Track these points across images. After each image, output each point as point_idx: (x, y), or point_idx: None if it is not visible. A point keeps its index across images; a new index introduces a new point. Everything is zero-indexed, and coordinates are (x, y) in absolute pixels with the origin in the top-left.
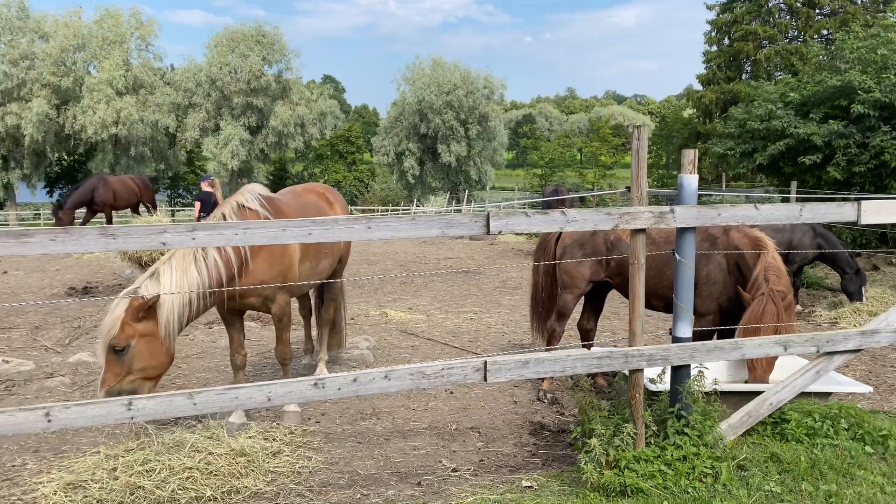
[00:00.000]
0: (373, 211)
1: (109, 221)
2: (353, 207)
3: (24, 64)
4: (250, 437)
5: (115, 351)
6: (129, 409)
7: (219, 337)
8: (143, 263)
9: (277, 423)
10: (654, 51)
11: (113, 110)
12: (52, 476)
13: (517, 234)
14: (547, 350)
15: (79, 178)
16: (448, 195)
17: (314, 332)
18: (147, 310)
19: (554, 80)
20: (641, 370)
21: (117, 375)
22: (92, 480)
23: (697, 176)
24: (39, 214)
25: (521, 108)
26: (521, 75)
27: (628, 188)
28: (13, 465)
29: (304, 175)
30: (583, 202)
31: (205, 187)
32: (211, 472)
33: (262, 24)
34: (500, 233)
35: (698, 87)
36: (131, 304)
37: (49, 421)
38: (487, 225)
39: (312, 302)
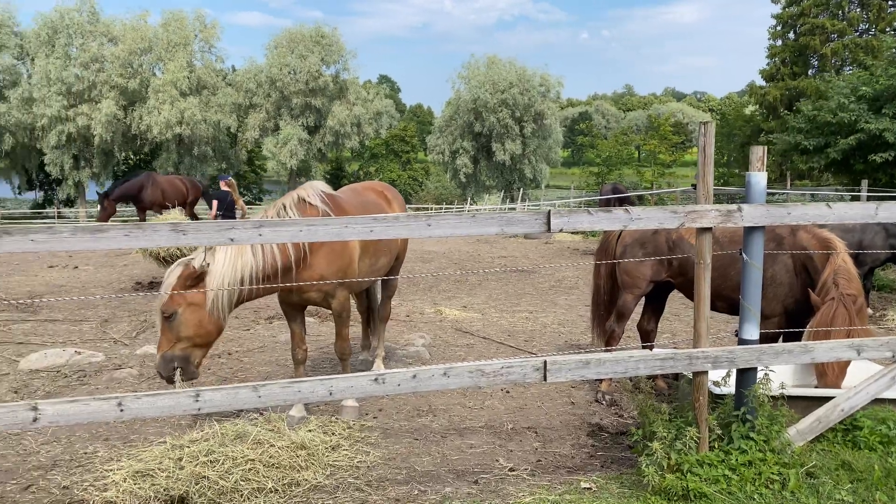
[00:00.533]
0: (427, 209)
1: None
2: (407, 206)
3: (94, 67)
4: (310, 431)
5: (165, 317)
6: (197, 401)
7: (279, 332)
8: (161, 259)
9: (336, 418)
10: (715, 46)
11: (177, 111)
12: (122, 464)
13: (574, 233)
14: (606, 351)
15: None
16: (502, 194)
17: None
18: (196, 280)
19: (611, 77)
20: (706, 372)
21: (169, 341)
22: (159, 469)
23: (766, 173)
24: None
25: (577, 106)
26: (577, 73)
27: (694, 185)
28: (85, 453)
29: (359, 174)
30: (641, 201)
31: (223, 186)
32: (272, 464)
33: (320, 25)
34: (560, 230)
35: (761, 82)
36: (182, 273)
37: (121, 410)
38: (548, 222)
39: (369, 298)
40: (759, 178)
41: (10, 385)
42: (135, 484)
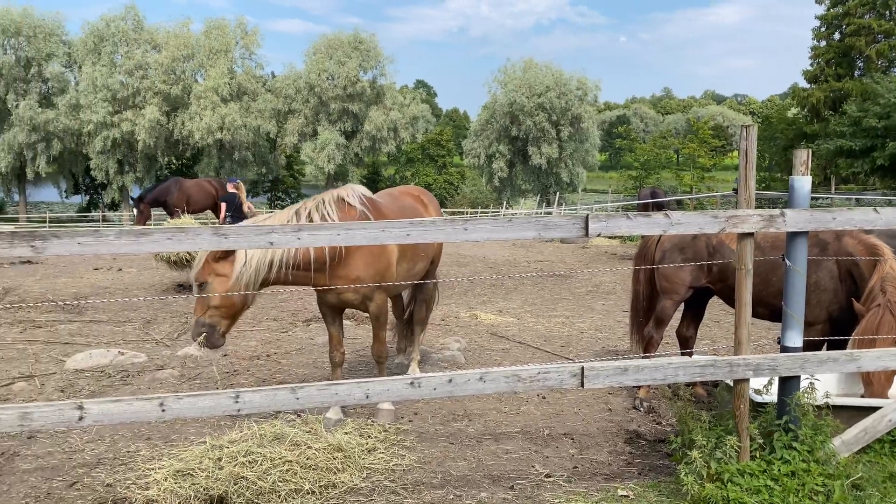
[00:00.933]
0: (462, 213)
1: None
2: (442, 210)
3: (138, 74)
4: (347, 433)
5: (198, 285)
6: (237, 402)
7: (316, 334)
8: (171, 262)
9: (372, 421)
10: (756, 48)
11: (218, 116)
12: (163, 463)
13: (611, 238)
14: (644, 357)
15: None
16: (538, 198)
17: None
18: (224, 254)
19: (649, 81)
20: (747, 380)
21: (202, 308)
22: (199, 469)
23: (810, 178)
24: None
25: (615, 109)
26: (615, 76)
27: (735, 190)
28: (128, 451)
29: (395, 178)
30: (679, 205)
31: (230, 188)
32: (309, 465)
33: (358, 31)
34: (598, 235)
35: (804, 84)
36: None
37: (163, 410)
38: (586, 227)
39: (405, 302)
40: (802, 182)
41: (56, 384)
42: (175, 483)
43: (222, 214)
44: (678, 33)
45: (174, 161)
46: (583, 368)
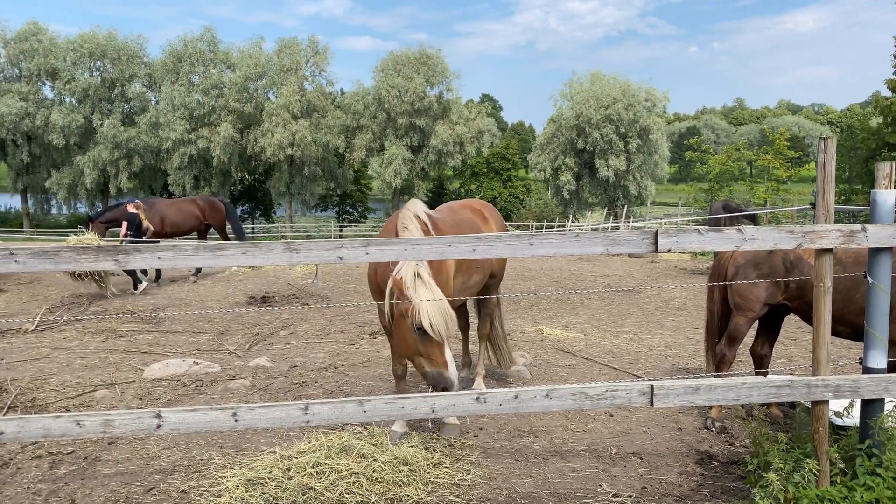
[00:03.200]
0: (527, 227)
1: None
2: (507, 223)
3: (213, 92)
4: (412, 447)
5: None
6: (306, 414)
7: (382, 347)
8: (75, 275)
9: (437, 435)
10: (834, 56)
11: (289, 133)
12: (235, 472)
13: (681, 252)
14: (716, 376)
15: (259, 197)
16: (605, 211)
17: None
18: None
19: (721, 91)
20: (826, 402)
21: None
22: (269, 478)
23: (894, 191)
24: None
25: (684, 121)
26: (685, 87)
27: (812, 204)
28: (201, 459)
29: (461, 192)
30: (753, 219)
31: (130, 209)
32: (375, 478)
33: (425, 47)
34: (668, 250)
35: (887, 93)
36: None
37: (236, 420)
38: (656, 242)
39: (469, 316)
40: (885, 196)
41: (135, 392)
42: (246, 492)
43: (123, 232)
44: (751, 42)
45: (247, 176)
46: (652, 387)
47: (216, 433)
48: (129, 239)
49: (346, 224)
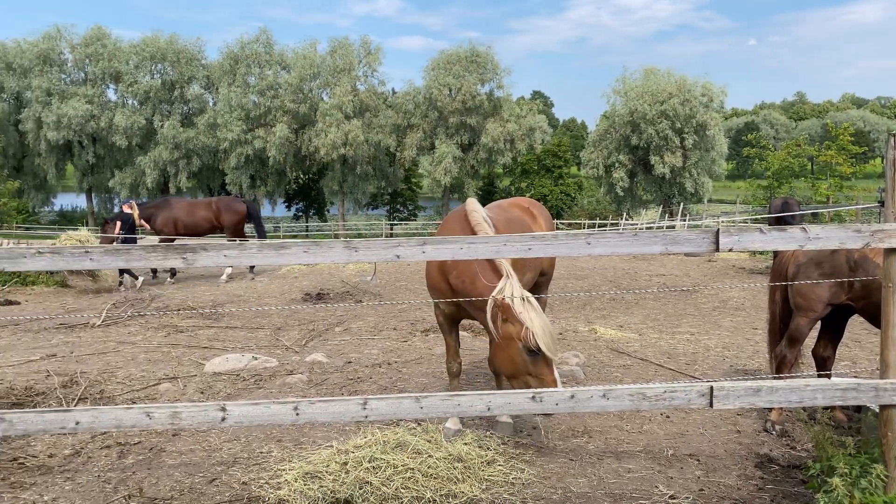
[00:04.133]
0: (579, 225)
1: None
2: (559, 221)
3: (269, 93)
4: (466, 444)
5: None
6: (364, 409)
7: (434, 344)
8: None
9: (491, 433)
10: None
11: (342, 133)
12: (293, 465)
13: (742, 252)
14: (776, 378)
15: (312, 195)
16: (660, 209)
17: None
18: None
19: (781, 85)
20: (895, 406)
21: None
22: (326, 472)
23: None
24: (279, 227)
25: (742, 116)
26: (742, 81)
27: (879, 202)
28: (261, 452)
29: (511, 189)
30: (815, 217)
31: (125, 209)
32: (430, 474)
33: (476, 45)
34: (730, 250)
35: None
36: None
37: (297, 414)
38: (717, 241)
39: None
40: None
41: (196, 386)
42: (305, 485)
43: (116, 231)
44: (812, 34)
45: (301, 175)
46: (712, 388)
47: (275, 427)
48: (122, 236)
49: (396, 222)
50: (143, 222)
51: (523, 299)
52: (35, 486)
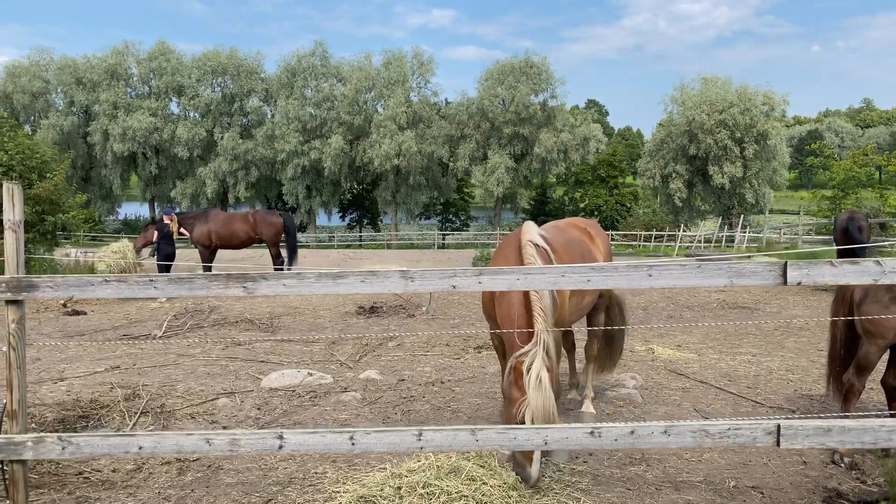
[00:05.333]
0: (635, 237)
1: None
2: (614, 233)
3: (325, 105)
4: None
5: None
6: (419, 440)
7: (487, 363)
8: None
9: (546, 459)
10: None
11: (395, 144)
12: (348, 487)
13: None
14: (843, 406)
15: (366, 206)
16: (720, 220)
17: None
18: None
19: (846, 91)
20: None
21: None
22: (380, 496)
23: None
24: (334, 236)
25: (805, 124)
26: (806, 88)
27: None
28: (316, 472)
29: (564, 200)
30: (883, 229)
31: (166, 220)
32: (484, 502)
33: (530, 55)
34: (798, 283)
35: None
36: None
37: (353, 444)
38: (784, 275)
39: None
40: None
41: (253, 402)
42: None
43: (154, 238)
44: (881, 38)
45: (356, 186)
46: (779, 426)
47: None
48: (155, 245)
49: (448, 232)
50: (184, 231)
51: (539, 378)
52: (99, 500)
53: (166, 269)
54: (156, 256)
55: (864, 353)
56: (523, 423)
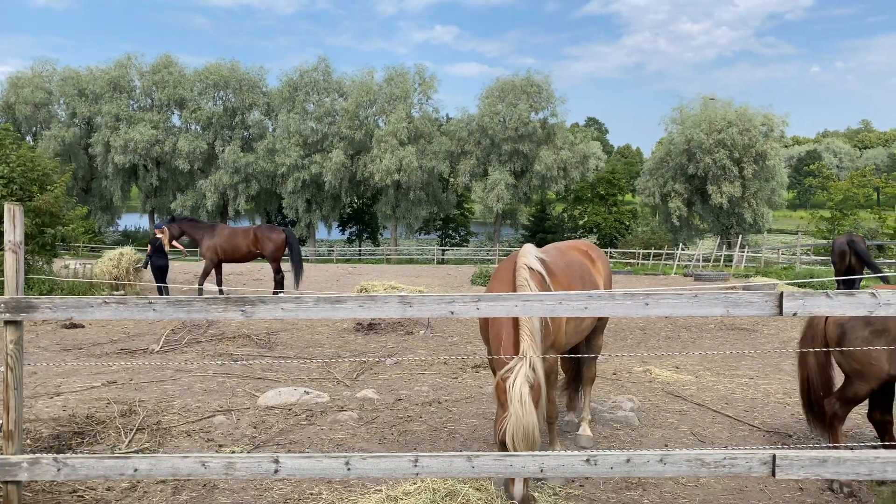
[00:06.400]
0: (633, 255)
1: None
2: (612, 250)
3: (326, 120)
4: None
5: None
6: (416, 466)
7: (485, 382)
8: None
9: (542, 483)
10: None
11: (396, 159)
12: None
13: (800, 287)
14: (831, 437)
15: (366, 220)
16: (718, 239)
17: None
18: None
19: (844, 112)
20: None
21: None
22: None
23: None
24: (333, 250)
25: (804, 144)
26: (805, 109)
27: None
28: (311, 493)
29: (563, 217)
30: (881, 250)
31: (158, 234)
32: None
33: (532, 73)
34: (794, 314)
35: None
36: None
37: (348, 469)
38: (780, 305)
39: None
40: None
41: (250, 420)
42: None
43: (149, 250)
44: (879, 60)
45: (356, 200)
46: (774, 456)
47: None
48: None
49: (447, 248)
50: (175, 244)
51: (521, 397)
52: None
53: (161, 280)
54: (149, 268)
55: (854, 392)
56: (503, 440)
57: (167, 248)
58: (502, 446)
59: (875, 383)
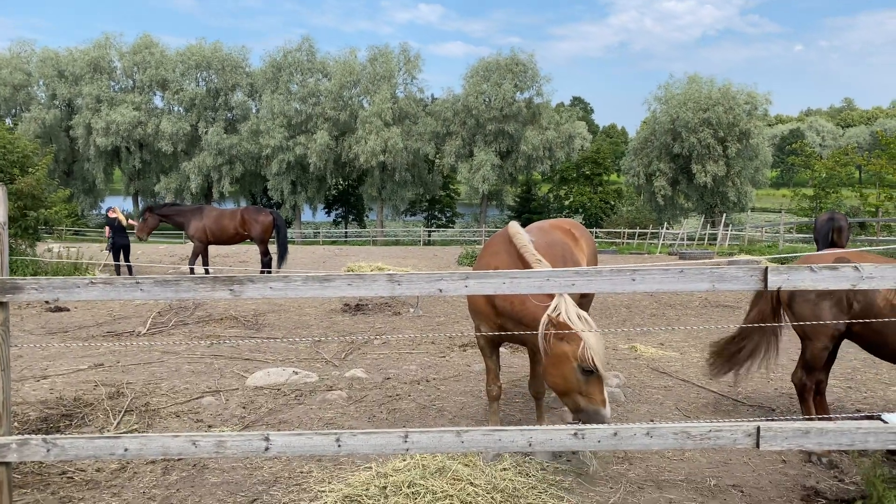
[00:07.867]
0: (618, 234)
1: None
2: (598, 230)
3: (311, 101)
4: (505, 470)
5: None
6: (405, 442)
7: (472, 360)
8: None
9: (530, 458)
10: None
11: (381, 140)
12: (333, 486)
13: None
14: (803, 407)
15: (352, 202)
16: (702, 218)
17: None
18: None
19: (828, 91)
20: None
21: None
22: (366, 496)
23: None
24: (319, 232)
25: (787, 123)
26: (788, 87)
27: None
28: (301, 472)
29: (549, 197)
30: (863, 228)
31: (110, 214)
32: (469, 502)
33: (516, 52)
34: (779, 288)
35: None
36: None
37: (339, 446)
38: (765, 280)
39: None
40: None
41: (238, 401)
42: None
43: (107, 233)
44: (862, 38)
45: (341, 181)
46: (759, 428)
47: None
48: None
49: (434, 229)
50: (130, 220)
51: (580, 317)
52: (83, 501)
53: (125, 259)
54: (111, 250)
55: (811, 354)
56: (587, 370)
57: (125, 224)
58: (583, 373)
59: (827, 341)
